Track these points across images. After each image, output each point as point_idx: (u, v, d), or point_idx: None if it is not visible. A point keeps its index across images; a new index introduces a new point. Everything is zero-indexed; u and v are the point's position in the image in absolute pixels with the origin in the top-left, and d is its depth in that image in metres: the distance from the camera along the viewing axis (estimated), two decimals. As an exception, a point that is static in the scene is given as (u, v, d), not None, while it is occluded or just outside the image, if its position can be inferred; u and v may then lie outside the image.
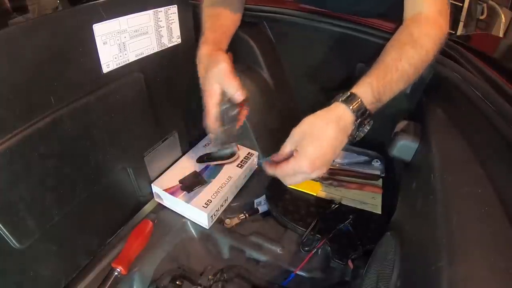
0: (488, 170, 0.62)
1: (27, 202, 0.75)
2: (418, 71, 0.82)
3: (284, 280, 0.97)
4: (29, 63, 0.71)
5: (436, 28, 0.85)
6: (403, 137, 0.87)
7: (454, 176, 0.62)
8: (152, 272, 0.98)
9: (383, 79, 0.80)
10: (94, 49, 0.84)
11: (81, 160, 0.87)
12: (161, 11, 0.98)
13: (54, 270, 0.88)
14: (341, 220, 1.04)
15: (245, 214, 1.10)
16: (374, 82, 0.80)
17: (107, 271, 0.94)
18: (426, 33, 0.84)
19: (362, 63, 1.16)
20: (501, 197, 0.56)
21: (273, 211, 1.10)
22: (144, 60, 0.98)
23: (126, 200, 1.09)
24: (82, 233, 0.94)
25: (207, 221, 1.04)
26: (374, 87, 0.80)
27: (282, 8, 1.26)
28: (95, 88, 0.86)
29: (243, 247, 1.02)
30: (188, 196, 1.07)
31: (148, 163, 1.11)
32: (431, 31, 0.84)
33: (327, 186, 1.18)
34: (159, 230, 1.05)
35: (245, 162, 1.22)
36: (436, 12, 0.86)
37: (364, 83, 0.81)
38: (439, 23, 0.86)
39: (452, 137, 0.74)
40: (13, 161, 0.71)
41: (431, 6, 0.86)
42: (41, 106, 0.75)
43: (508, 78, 0.81)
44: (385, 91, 0.80)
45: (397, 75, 0.80)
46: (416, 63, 0.81)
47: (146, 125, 1.06)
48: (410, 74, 0.81)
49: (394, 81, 0.80)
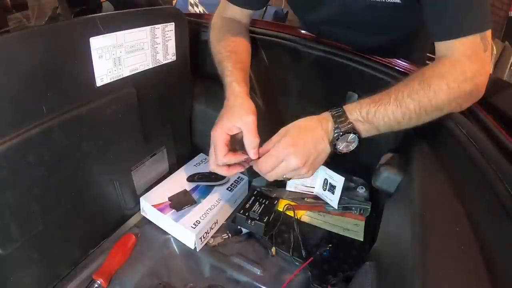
0: (467, 207, 0.63)
1: (12, 209, 0.75)
2: (423, 108, 0.81)
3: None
4: (23, 71, 0.71)
5: (456, 70, 0.81)
6: (387, 170, 0.89)
7: (433, 212, 0.63)
8: (133, 286, 0.97)
9: (377, 102, 0.82)
10: (89, 62, 0.84)
11: (68, 170, 0.87)
12: (159, 28, 0.99)
13: (35, 278, 0.88)
14: (322, 245, 1.05)
15: (228, 234, 1.10)
16: (366, 102, 0.83)
17: (88, 282, 0.94)
18: (439, 73, 0.81)
19: (352, 92, 1.18)
20: (477, 235, 0.57)
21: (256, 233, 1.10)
22: (137, 75, 0.98)
23: (110, 213, 1.09)
24: (65, 243, 0.93)
25: (195, 241, 1.03)
26: (363, 106, 0.83)
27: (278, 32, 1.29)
28: (87, 101, 0.87)
29: (225, 267, 1.02)
30: (176, 215, 1.06)
31: (135, 177, 1.12)
32: (446, 72, 0.81)
33: (311, 211, 1.18)
34: (142, 245, 1.05)
35: (235, 186, 1.22)
36: (462, 55, 0.82)
37: (355, 102, 0.85)
38: (462, 66, 0.81)
39: (435, 172, 0.75)
40: (1, 168, 0.71)
41: (455, 49, 0.83)
42: (32, 115, 0.75)
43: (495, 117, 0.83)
44: (376, 113, 0.82)
45: (395, 104, 0.81)
46: (420, 99, 0.80)
47: (135, 140, 1.07)
48: (410, 107, 0.81)
49: (390, 108, 0.81)
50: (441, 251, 0.55)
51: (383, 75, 1.09)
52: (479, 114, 0.86)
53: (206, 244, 1.07)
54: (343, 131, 0.84)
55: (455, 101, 0.82)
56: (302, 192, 1.23)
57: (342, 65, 1.16)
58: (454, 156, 0.79)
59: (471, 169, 0.70)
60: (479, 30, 0.81)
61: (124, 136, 1.01)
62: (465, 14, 0.81)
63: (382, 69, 1.10)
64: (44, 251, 0.87)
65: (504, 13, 5.12)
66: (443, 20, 0.83)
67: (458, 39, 0.81)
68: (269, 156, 0.86)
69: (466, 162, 0.72)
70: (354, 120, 0.84)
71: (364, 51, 1.16)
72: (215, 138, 0.92)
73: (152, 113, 1.10)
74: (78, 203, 0.93)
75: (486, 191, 0.64)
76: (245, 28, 1.19)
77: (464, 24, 0.81)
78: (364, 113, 0.82)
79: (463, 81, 0.80)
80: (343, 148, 0.87)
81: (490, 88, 0.85)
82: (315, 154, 0.86)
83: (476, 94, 0.84)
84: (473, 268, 0.52)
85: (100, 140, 0.93)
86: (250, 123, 0.89)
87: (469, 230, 0.58)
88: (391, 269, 0.68)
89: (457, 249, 0.55)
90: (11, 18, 2.40)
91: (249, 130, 0.89)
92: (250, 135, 0.89)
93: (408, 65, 1.11)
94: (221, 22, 1.18)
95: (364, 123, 0.84)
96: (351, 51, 1.17)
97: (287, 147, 0.83)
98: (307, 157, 0.84)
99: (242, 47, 1.11)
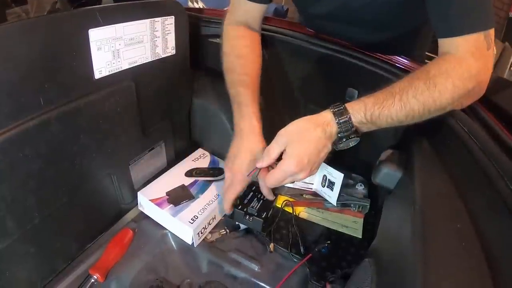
0: (467, 204, 0.63)
1: (8, 202, 0.75)
2: (427, 108, 0.80)
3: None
4: (21, 62, 0.71)
5: (462, 67, 0.80)
6: (387, 166, 0.88)
7: (434, 210, 0.63)
8: (129, 281, 0.97)
9: (382, 103, 0.81)
10: (88, 54, 0.83)
11: (66, 164, 0.87)
12: (158, 21, 0.98)
13: (31, 272, 0.87)
14: (321, 242, 1.05)
15: (226, 230, 1.09)
16: (370, 103, 0.82)
17: (84, 277, 0.93)
18: (445, 71, 0.80)
19: (352, 88, 1.17)
20: (479, 232, 0.57)
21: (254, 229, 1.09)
22: (136, 68, 0.98)
23: (108, 207, 1.09)
24: (61, 237, 0.93)
25: (192, 237, 1.02)
26: (368, 108, 0.82)
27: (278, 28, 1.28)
28: (85, 93, 0.86)
29: (222, 263, 1.01)
30: (174, 210, 1.06)
31: (132, 171, 1.11)
32: (452, 70, 0.80)
33: (309, 207, 1.18)
34: (139, 240, 1.05)
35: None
36: (467, 53, 0.80)
37: (360, 102, 0.84)
38: (467, 63, 0.80)
39: (435, 169, 0.75)
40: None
41: (460, 46, 0.82)
42: (29, 107, 0.75)
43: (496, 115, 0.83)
44: (380, 115, 0.81)
45: (399, 105, 0.80)
46: (425, 100, 0.79)
47: (133, 134, 1.06)
48: (415, 108, 0.80)
49: (394, 110, 0.80)
50: (442, 248, 0.55)
51: (383, 72, 1.08)
52: (480, 112, 0.85)
53: (203, 239, 1.06)
54: (347, 135, 0.84)
55: (458, 100, 0.81)
56: (301, 188, 1.23)
57: (342, 62, 1.16)
58: (455, 153, 0.79)
59: (472, 166, 0.69)
60: (483, 28, 0.80)
61: (122, 129, 1.00)
62: (469, 12, 0.81)
63: (383, 65, 1.10)
64: (41, 245, 0.87)
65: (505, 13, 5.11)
66: (447, 17, 0.83)
67: (462, 36, 0.81)
68: (276, 173, 0.87)
69: (467, 159, 0.72)
70: (358, 123, 0.83)
71: (364, 48, 1.16)
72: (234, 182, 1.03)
73: (151, 107, 1.09)
74: (75, 197, 0.92)
75: (487, 188, 0.63)
76: (257, 37, 1.18)
77: (469, 22, 0.81)
78: (368, 115, 0.82)
79: (467, 79, 0.79)
80: (343, 146, 0.87)
81: (491, 86, 0.85)
82: (318, 162, 0.88)
83: (478, 92, 0.84)
84: (474, 265, 0.52)
85: (98, 133, 0.93)
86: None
87: (470, 227, 0.58)
88: (391, 266, 0.68)
89: (458, 246, 0.55)
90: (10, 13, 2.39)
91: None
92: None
93: (408, 62, 1.11)
94: (234, 31, 1.16)
95: (367, 124, 0.84)
96: (352, 48, 1.16)
97: (292, 168, 0.85)
98: (311, 167, 0.87)
99: (254, 65, 1.11)
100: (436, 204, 0.65)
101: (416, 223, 0.61)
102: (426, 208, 0.63)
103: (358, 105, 0.83)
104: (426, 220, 0.60)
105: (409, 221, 0.64)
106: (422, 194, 0.68)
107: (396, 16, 1.07)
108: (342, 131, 0.84)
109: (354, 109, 0.83)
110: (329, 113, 0.85)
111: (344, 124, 0.83)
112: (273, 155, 0.87)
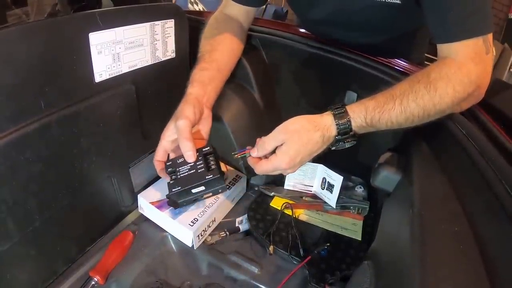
0: (466, 207, 0.63)
1: (8, 204, 0.75)
2: (427, 113, 0.80)
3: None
4: (22, 66, 0.71)
5: (462, 72, 0.80)
6: (386, 169, 0.89)
7: (432, 212, 0.63)
8: (130, 283, 0.97)
9: (382, 107, 0.81)
10: (88, 57, 0.84)
11: (66, 166, 0.87)
12: (158, 24, 0.99)
13: (31, 274, 0.87)
14: (320, 244, 1.05)
15: (226, 232, 1.09)
16: (371, 107, 0.82)
17: (84, 279, 0.93)
18: (446, 75, 0.80)
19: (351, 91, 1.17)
20: (477, 235, 0.57)
21: (254, 231, 1.10)
22: (137, 72, 0.98)
23: (108, 210, 1.09)
24: (61, 239, 0.93)
25: (192, 239, 1.02)
26: (369, 112, 0.82)
27: (277, 31, 1.28)
28: (86, 97, 0.86)
29: (222, 265, 1.01)
30: (174, 212, 1.06)
31: (133, 174, 1.11)
32: (452, 75, 0.79)
33: (309, 209, 1.18)
34: (139, 242, 1.05)
35: (233, 184, 1.21)
36: (467, 57, 0.80)
37: (360, 105, 0.84)
38: (467, 68, 0.80)
39: (434, 172, 0.75)
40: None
41: (459, 51, 0.82)
42: (30, 110, 0.75)
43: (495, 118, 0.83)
44: (380, 119, 0.81)
45: (399, 109, 0.80)
46: (426, 104, 0.79)
47: (134, 137, 1.07)
48: (415, 113, 0.80)
49: (394, 113, 0.81)
50: (440, 251, 0.55)
51: (382, 75, 1.09)
52: (479, 115, 0.85)
53: (203, 242, 1.06)
54: (344, 138, 0.85)
55: (458, 104, 0.82)
56: (300, 190, 1.23)
57: (341, 64, 1.16)
58: (454, 156, 0.79)
59: (471, 169, 0.70)
60: (482, 33, 0.80)
61: (122, 132, 1.01)
62: (468, 17, 0.80)
63: (382, 68, 1.10)
64: (41, 248, 0.87)
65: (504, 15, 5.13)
66: (446, 22, 0.82)
67: (461, 41, 0.81)
68: (266, 165, 0.87)
69: (465, 162, 0.72)
70: (358, 127, 0.83)
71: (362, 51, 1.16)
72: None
73: (151, 110, 1.09)
74: (75, 199, 0.92)
75: (485, 191, 0.63)
76: (238, 25, 1.18)
77: (467, 27, 0.81)
78: (369, 119, 0.82)
79: (467, 84, 0.80)
80: (338, 148, 0.88)
81: (490, 88, 0.85)
82: (308, 161, 0.89)
83: (478, 96, 0.84)
84: (472, 268, 0.52)
85: (98, 136, 0.93)
86: (181, 127, 0.89)
87: (468, 230, 0.58)
88: (390, 268, 0.68)
89: (456, 249, 0.55)
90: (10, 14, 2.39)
91: (180, 134, 0.90)
92: (181, 140, 0.90)
93: (407, 65, 1.11)
94: (215, 18, 1.18)
95: (367, 127, 0.84)
96: (351, 50, 1.17)
97: (283, 165, 0.85)
98: (300, 165, 0.88)
99: (223, 45, 1.10)
100: (434, 206, 0.65)
101: (415, 225, 0.61)
102: (424, 211, 0.63)
103: (359, 108, 0.83)
104: (425, 223, 0.60)
105: (408, 223, 0.64)
106: (420, 196, 0.68)
107: (393, 20, 1.07)
108: (340, 134, 0.84)
109: (355, 113, 0.83)
110: (330, 115, 0.85)
111: (343, 128, 0.83)
112: (269, 148, 0.86)
